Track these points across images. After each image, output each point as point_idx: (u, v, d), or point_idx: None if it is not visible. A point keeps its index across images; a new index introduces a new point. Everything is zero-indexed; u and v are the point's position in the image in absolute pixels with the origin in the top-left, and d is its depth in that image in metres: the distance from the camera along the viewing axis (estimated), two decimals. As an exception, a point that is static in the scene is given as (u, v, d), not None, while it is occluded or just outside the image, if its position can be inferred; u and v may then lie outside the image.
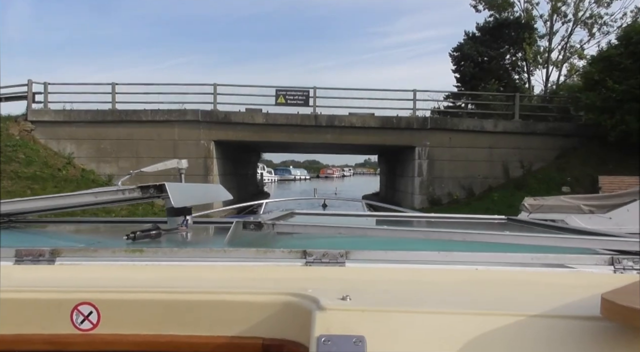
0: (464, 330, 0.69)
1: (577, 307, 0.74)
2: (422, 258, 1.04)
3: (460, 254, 1.05)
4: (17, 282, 0.90)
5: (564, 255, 1.08)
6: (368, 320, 0.71)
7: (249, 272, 0.99)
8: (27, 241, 1.46)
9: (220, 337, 0.83)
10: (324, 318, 0.72)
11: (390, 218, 2.51)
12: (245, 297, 0.84)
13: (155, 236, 1.31)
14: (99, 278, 0.96)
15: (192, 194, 1.61)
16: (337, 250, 1.02)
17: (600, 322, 0.68)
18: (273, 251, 1.06)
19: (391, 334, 0.69)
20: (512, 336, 0.69)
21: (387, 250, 1.06)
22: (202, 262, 1.04)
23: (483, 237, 1.21)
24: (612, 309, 0.65)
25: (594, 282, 0.90)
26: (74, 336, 0.84)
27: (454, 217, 2.14)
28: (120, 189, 1.36)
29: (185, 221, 1.49)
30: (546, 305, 0.74)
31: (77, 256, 1.05)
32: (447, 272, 1.00)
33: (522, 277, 0.99)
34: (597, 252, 1.13)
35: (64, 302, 0.84)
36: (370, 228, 1.58)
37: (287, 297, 0.82)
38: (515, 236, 1.22)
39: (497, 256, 1.05)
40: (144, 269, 1.00)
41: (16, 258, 1.02)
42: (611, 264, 1.03)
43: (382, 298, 0.83)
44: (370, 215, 2.71)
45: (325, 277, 0.96)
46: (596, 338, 0.67)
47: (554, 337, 0.68)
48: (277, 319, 0.82)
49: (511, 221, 1.98)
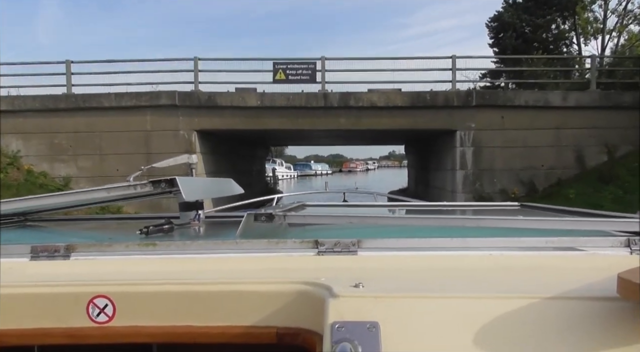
0: (479, 314, 0.69)
1: (593, 288, 0.74)
2: (435, 245, 1.04)
3: (474, 239, 1.05)
4: (34, 278, 0.92)
5: (578, 238, 1.07)
6: (381, 306, 0.71)
7: (261, 263, 1.00)
8: (41, 238, 1.48)
9: (236, 327, 0.84)
10: (337, 305, 0.72)
11: (402, 207, 2.43)
12: (259, 287, 0.85)
13: (167, 230, 1.34)
14: (114, 272, 0.97)
15: (203, 188, 1.60)
16: (349, 239, 1.03)
17: (617, 302, 0.68)
18: (285, 241, 1.06)
19: (405, 319, 0.69)
20: (527, 318, 0.68)
21: (399, 238, 1.07)
22: (215, 254, 1.04)
23: (496, 222, 1.23)
24: (628, 288, 0.65)
25: (610, 264, 0.87)
26: (90, 329, 0.86)
27: (467, 205, 2.31)
28: (132, 184, 1.34)
29: (197, 215, 1.49)
30: (562, 287, 0.73)
31: (91, 251, 1.07)
32: (460, 258, 1.00)
33: (536, 261, 0.99)
34: (613, 235, 1.13)
35: (80, 296, 0.86)
36: (382, 217, 1.55)
37: (301, 286, 0.83)
38: (528, 220, 1.23)
39: (510, 241, 1.05)
40: (158, 262, 1.02)
41: (32, 254, 1.05)
42: (627, 246, 1.03)
43: (395, 285, 0.82)
44: (381, 205, 2.60)
45: (337, 266, 0.97)
46: (613, 318, 0.67)
47: (570, 319, 0.68)
48: (291, 307, 0.83)
49: (524, 207, 2.00)
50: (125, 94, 12.35)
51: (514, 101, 12.16)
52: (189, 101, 12.41)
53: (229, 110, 12.50)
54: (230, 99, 12.45)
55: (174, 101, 12.30)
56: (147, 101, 12.31)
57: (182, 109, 12.42)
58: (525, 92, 12.51)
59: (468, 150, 12.34)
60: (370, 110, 12.48)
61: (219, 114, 12.52)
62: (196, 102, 12.42)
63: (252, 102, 12.45)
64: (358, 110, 12.50)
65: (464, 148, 12.35)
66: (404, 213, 1.97)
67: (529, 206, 2.00)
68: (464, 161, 12.33)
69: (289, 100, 12.46)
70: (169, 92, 12.41)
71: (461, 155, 12.34)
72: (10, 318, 0.86)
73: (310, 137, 18.74)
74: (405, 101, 12.37)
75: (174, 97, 12.31)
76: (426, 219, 1.37)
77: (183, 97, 12.39)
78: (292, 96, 12.48)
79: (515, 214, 1.64)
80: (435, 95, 12.41)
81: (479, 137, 12.28)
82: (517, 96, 12.23)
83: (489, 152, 12.26)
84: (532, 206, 2.01)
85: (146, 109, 12.35)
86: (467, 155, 12.33)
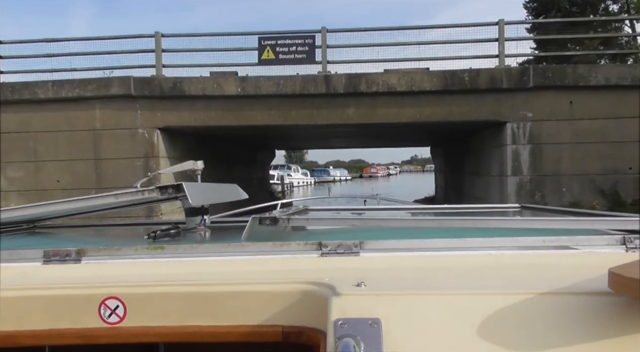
0: (477, 309, 0.71)
1: (588, 284, 0.75)
2: (435, 245, 1.06)
3: (473, 239, 1.07)
4: (46, 281, 0.94)
5: (575, 237, 1.08)
6: (383, 303, 0.73)
7: (266, 265, 1.01)
8: (52, 244, 1.44)
9: (242, 327, 0.86)
10: (340, 303, 0.74)
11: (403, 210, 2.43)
12: (264, 287, 0.87)
13: (174, 234, 1.35)
14: (124, 274, 0.99)
15: (209, 194, 1.62)
16: (351, 241, 1.04)
17: (610, 296, 0.70)
18: (289, 243, 1.08)
19: (406, 316, 0.71)
20: (524, 313, 0.70)
21: (401, 239, 1.08)
22: (221, 257, 1.06)
23: (495, 223, 1.26)
24: (619, 282, 0.67)
25: (605, 261, 0.84)
26: (102, 329, 0.87)
27: (467, 207, 2.14)
28: (140, 190, 1.36)
29: (203, 221, 1.51)
30: (558, 284, 0.75)
31: (101, 254, 1.08)
32: (460, 257, 1.02)
33: (534, 259, 1.01)
34: (609, 233, 1.14)
35: (92, 298, 0.88)
36: (384, 219, 1.56)
37: (305, 286, 0.85)
38: (525, 220, 1.30)
39: (509, 241, 1.06)
40: (166, 265, 1.04)
41: (44, 258, 1.06)
42: (623, 244, 1.04)
43: (396, 283, 0.83)
44: (383, 208, 2.52)
45: (340, 267, 0.98)
46: (605, 312, 0.69)
47: (565, 313, 0.70)
48: (295, 307, 0.84)
49: (525, 208, 2.00)
50: (66, 82, 9.47)
51: (589, 79, 8.77)
52: (148, 90, 9.46)
53: (202, 101, 9.50)
54: (202, 86, 9.43)
55: (128, 90, 9.36)
56: (94, 91, 9.41)
57: (141, 100, 9.48)
58: (605, 67, 9.11)
59: (523, 148, 9.01)
60: (387, 98, 9.30)
61: (188, 107, 9.53)
62: (158, 90, 9.45)
63: (231, 90, 9.41)
64: (371, 97, 9.33)
65: (517, 146, 9.03)
66: (405, 215, 1.98)
67: (529, 207, 2.03)
68: (517, 164, 9.01)
69: (280, 87, 9.38)
70: (123, 79, 9.48)
71: (513, 156, 9.02)
72: (24, 320, 0.88)
73: (316, 137, 15.59)
74: (435, 84, 9.13)
75: (128, 84, 9.37)
76: (427, 220, 1.44)
77: (141, 85, 9.44)
78: (283, 81, 9.39)
79: (514, 215, 1.73)
80: (477, 74, 9.12)
81: (539, 130, 8.94)
82: (593, 72, 8.82)
83: (554, 151, 8.90)
84: (532, 207, 2.04)
85: (94, 101, 9.46)
86: (523, 156, 9.00)
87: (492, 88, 9.04)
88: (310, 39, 9.72)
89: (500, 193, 9.27)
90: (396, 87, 9.20)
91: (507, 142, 9.06)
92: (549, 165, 8.90)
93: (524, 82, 8.93)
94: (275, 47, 9.75)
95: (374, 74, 9.44)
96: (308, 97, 9.45)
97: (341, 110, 9.50)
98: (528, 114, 8.97)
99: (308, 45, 9.71)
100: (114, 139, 9.48)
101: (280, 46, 9.77)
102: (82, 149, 9.48)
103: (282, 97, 9.44)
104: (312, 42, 9.74)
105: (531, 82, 8.86)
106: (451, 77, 9.13)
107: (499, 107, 9.09)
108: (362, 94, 9.33)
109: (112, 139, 9.49)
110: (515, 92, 8.99)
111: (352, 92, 9.31)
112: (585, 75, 8.81)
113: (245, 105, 9.52)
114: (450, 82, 9.10)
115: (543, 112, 8.92)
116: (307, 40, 9.72)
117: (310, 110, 9.54)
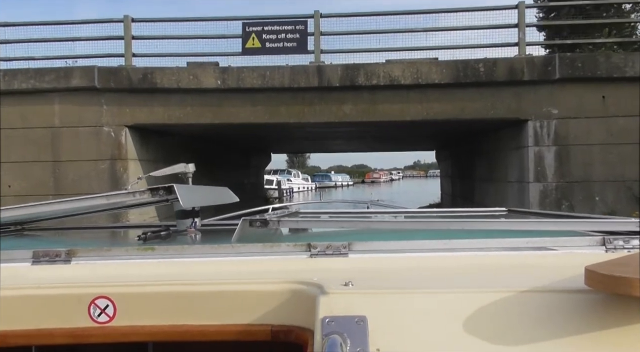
0: (460, 307, 0.73)
1: (567, 283, 0.78)
2: (422, 247, 1.08)
3: (459, 241, 1.09)
4: (36, 281, 0.94)
5: (557, 238, 1.12)
6: (369, 301, 0.75)
7: (256, 266, 1.03)
8: (41, 245, 1.46)
9: (232, 326, 0.88)
10: (327, 302, 0.75)
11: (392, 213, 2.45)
12: (253, 286, 0.89)
13: (165, 236, 1.37)
14: (114, 274, 1.00)
15: (200, 196, 1.64)
16: (340, 242, 1.07)
17: (587, 294, 0.72)
18: (279, 245, 1.09)
19: (392, 313, 0.73)
20: (504, 310, 0.73)
21: (389, 240, 1.11)
22: (211, 258, 1.07)
23: (480, 225, 1.32)
24: (595, 278, 0.69)
25: (585, 261, 0.86)
26: (92, 329, 0.88)
27: (455, 211, 2.18)
28: (131, 191, 1.36)
29: (193, 223, 1.53)
30: (538, 282, 0.78)
31: (91, 255, 1.09)
32: (446, 258, 1.04)
33: (517, 260, 1.04)
34: (589, 234, 1.19)
35: (82, 297, 0.89)
36: (372, 221, 1.62)
37: (293, 285, 0.86)
38: (510, 222, 1.37)
39: (494, 242, 1.09)
40: (156, 265, 1.04)
41: (33, 259, 1.06)
42: (602, 245, 1.07)
43: (383, 282, 0.86)
44: (372, 211, 2.57)
45: (329, 267, 1.00)
46: (582, 308, 0.72)
47: (544, 310, 0.72)
48: (284, 306, 0.86)
49: (511, 212, 2.04)
50: (19, 72, 8.25)
51: (625, 70, 7.51)
52: (115, 82, 8.24)
53: (177, 96, 8.28)
54: (176, 77, 8.20)
55: (92, 81, 8.15)
56: (52, 82, 8.19)
57: (107, 93, 8.27)
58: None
59: (547, 151, 7.75)
60: (389, 92, 8.06)
61: (162, 102, 8.31)
62: (126, 82, 8.23)
63: (210, 82, 8.18)
64: (371, 92, 8.09)
65: (540, 148, 7.77)
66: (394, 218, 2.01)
67: (515, 210, 2.08)
68: (540, 169, 7.73)
69: (265, 79, 8.15)
70: (85, 69, 8.27)
71: (536, 160, 7.76)
72: (14, 320, 0.89)
73: (312, 138, 14.34)
74: (445, 76, 7.89)
75: (92, 75, 8.15)
76: (414, 222, 1.46)
77: (106, 76, 8.22)
78: (269, 72, 8.16)
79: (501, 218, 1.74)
80: (493, 65, 7.88)
81: (566, 129, 7.68)
82: (630, 62, 7.56)
83: (584, 153, 7.63)
84: (518, 211, 2.08)
85: (52, 94, 8.24)
86: (547, 160, 7.73)
87: (511, 80, 7.79)
88: (301, 25, 8.49)
89: (520, 201, 8.00)
90: (400, 79, 7.96)
91: (528, 143, 7.80)
92: (578, 170, 7.63)
93: (548, 74, 7.67)
94: (261, 34, 8.53)
95: (374, 64, 8.20)
96: (298, 91, 8.22)
97: (337, 106, 8.26)
98: (553, 110, 7.71)
99: (299, 32, 8.48)
100: (75, 138, 8.26)
101: (268, 33, 8.55)
102: (38, 149, 8.25)
103: (269, 91, 8.21)
104: (303, 28, 8.50)
105: (557, 73, 7.61)
106: (464, 68, 7.88)
107: (519, 103, 7.84)
108: (360, 88, 8.09)
109: (73, 138, 8.26)
110: (538, 85, 7.73)
111: (349, 86, 8.08)
112: (620, 65, 7.54)
113: (225, 101, 8.29)
114: (462, 74, 7.85)
115: (571, 109, 7.66)
116: (298, 27, 8.49)
117: (301, 106, 8.30)
